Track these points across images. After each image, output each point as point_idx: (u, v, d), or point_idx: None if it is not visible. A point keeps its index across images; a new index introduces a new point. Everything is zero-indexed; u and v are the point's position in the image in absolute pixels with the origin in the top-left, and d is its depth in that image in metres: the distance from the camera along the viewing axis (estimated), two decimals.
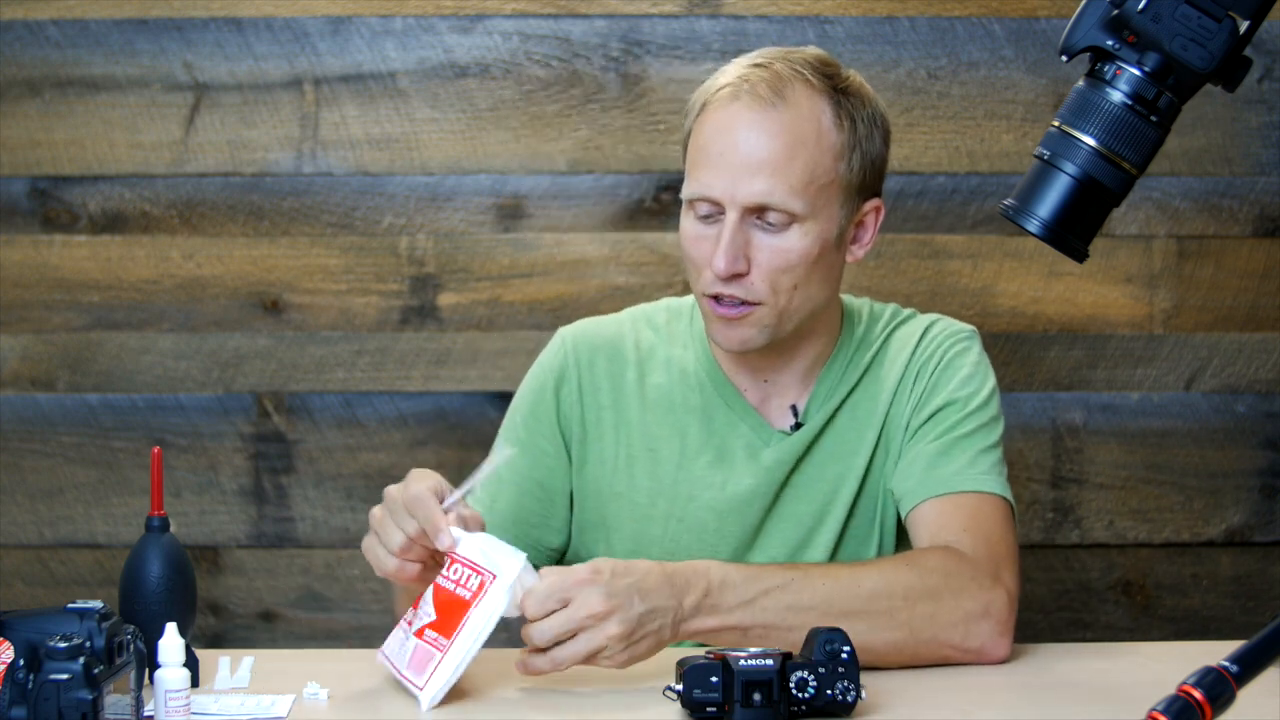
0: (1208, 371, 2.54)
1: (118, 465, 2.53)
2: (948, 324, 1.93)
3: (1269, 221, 2.53)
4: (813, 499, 1.87)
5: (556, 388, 1.92)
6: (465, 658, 1.54)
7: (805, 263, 1.77)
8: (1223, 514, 2.55)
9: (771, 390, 1.89)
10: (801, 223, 1.76)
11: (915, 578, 1.67)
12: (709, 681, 1.46)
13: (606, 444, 1.90)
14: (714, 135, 1.77)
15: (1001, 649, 1.68)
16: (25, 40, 2.50)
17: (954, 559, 1.70)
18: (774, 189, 1.74)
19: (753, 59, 1.80)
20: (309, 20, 2.50)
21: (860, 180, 1.81)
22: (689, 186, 1.79)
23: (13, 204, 2.51)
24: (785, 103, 1.75)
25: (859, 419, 1.88)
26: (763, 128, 1.75)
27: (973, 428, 1.84)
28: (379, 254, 2.52)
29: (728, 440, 1.88)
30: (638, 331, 1.95)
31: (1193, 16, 1.32)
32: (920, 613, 1.65)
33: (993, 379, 1.89)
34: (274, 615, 2.55)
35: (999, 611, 1.68)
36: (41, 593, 2.53)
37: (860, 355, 1.90)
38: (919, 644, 1.66)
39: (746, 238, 1.76)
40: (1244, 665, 1.12)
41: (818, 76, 1.78)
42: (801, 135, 1.75)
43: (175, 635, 1.47)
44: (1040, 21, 2.51)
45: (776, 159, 1.74)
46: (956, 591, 1.67)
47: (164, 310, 2.52)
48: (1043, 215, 1.37)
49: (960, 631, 1.66)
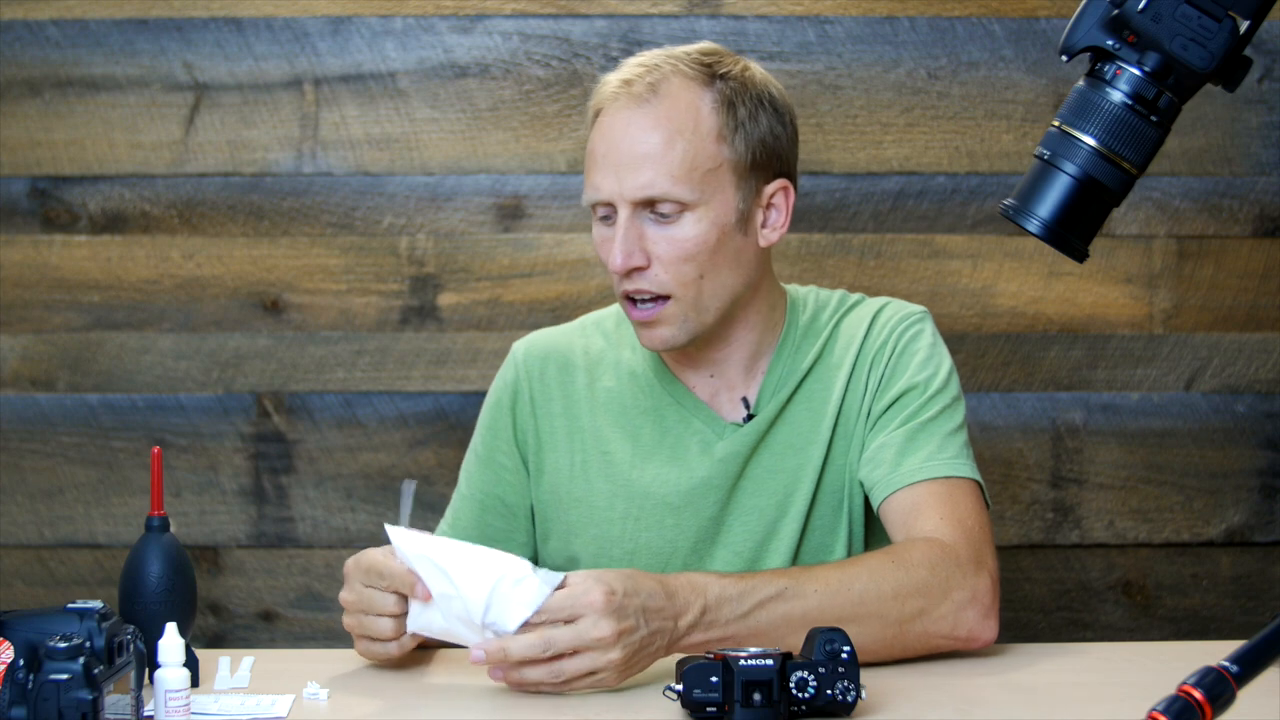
0: (1208, 371, 2.54)
1: (118, 465, 2.53)
2: (898, 307, 1.93)
3: (1269, 221, 2.53)
4: (772, 492, 1.87)
5: (511, 404, 1.95)
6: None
7: (705, 250, 1.79)
8: (1223, 514, 2.55)
9: (720, 384, 1.90)
10: (693, 210, 1.78)
11: (903, 575, 1.68)
12: (709, 681, 1.46)
13: (561, 452, 1.92)
14: (599, 138, 1.81)
15: (989, 632, 1.70)
16: (25, 40, 2.50)
17: (936, 550, 1.71)
18: (655, 180, 1.76)
19: (634, 60, 1.84)
20: (309, 20, 2.50)
21: (751, 161, 1.81)
22: (585, 192, 1.83)
23: (13, 204, 2.51)
24: (659, 96, 1.78)
25: (813, 409, 1.88)
26: (638, 123, 1.78)
27: (936, 411, 1.84)
28: (379, 254, 2.52)
29: (681, 437, 1.89)
30: (587, 338, 1.97)
31: (1193, 16, 1.32)
32: (910, 609, 1.66)
33: (949, 359, 1.89)
34: (274, 615, 2.55)
35: (984, 596, 1.70)
36: (41, 593, 2.53)
37: (809, 343, 1.90)
38: (910, 638, 1.67)
39: (640, 232, 1.78)
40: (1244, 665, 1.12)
41: (695, 67, 1.81)
42: (678, 124, 1.78)
43: (175, 635, 1.47)
44: (1040, 21, 2.51)
45: (655, 150, 1.77)
46: (943, 583, 1.68)
47: (164, 310, 2.52)
48: (1043, 215, 1.37)
49: (949, 622, 1.68)
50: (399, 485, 1.68)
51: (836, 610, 1.64)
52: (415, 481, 1.72)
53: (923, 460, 1.80)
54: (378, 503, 2.54)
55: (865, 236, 2.51)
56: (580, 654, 1.54)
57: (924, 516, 1.76)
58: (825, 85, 2.51)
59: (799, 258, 2.50)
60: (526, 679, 1.55)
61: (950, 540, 1.72)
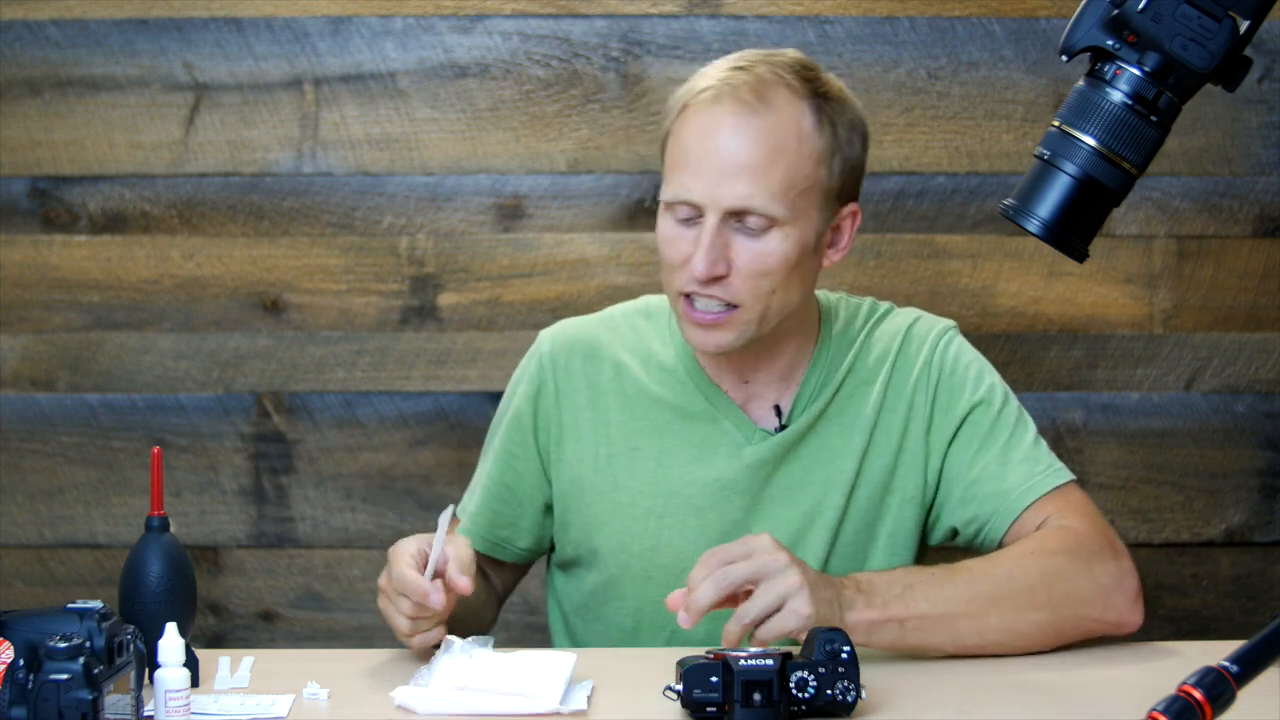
0: (1208, 371, 2.54)
1: (118, 465, 2.53)
2: (930, 322, 1.93)
3: (1269, 221, 2.53)
4: (799, 503, 1.86)
5: (534, 395, 1.93)
6: None
7: (784, 267, 1.77)
8: (1223, 514, 2.56)
9: (752, 391, 1.89)
10: (781, 227, 1.76)
11: (1044, 560, 1.71)
12: (709, 681, 1.46)
13: (585, 444, 1.91)
14: (695, 138, 1.76)
15: (1137, 616, 1.74)
16: (25, 40, 2.50)
17: (1072, 537, 1.75)
18: (755, 193, 1.74)
19: (734, 61, 1.80)
20: (309, 20, 2.50)
21: (839, 185, 1.81)
22: (668, 189, 1.79)
23: (13, 204, 2.51)
24: (767, 107, 1.75)
25: (845, 424, 1.87)
26: (744, 132, 1.74)
27: (1011, 424, 1.86)
28: (379, 254, 2.52)
29: (710, 436, 1.88)
30: (616, 330, 1.95)
31: (1193, 16, 1.32)
32: (1058, 591, 1.69)
33: (992, 366, 1.91)
34: (274, 615, 2.55)
35: (1128, 580, 1.74)
36: (41, 593, 2.53)
37: (841, 355, 1.90)
38: (1062, 621, 1.70)
39: (726, 240, 1.76)
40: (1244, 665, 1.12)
41: (799, 80, 1.78)
42: (783, 140, 1.75)
43: (175, 635, 1.47)
44: (1040, 21, 2.51)
45: (757, 163, 1.74)
46: (1085, 567, 1.72)
47: (164, 310, 2.52)
48: (1043, 215, 1.37)
49: (1099, 605, 1.72)
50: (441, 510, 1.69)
51: (988, 589, 1.67)
52: (454, 506, 1.75)
53: (1026, 480, 1.82)
54: (378, 503, 2.54)
55: (865, 236, 2.51)
56: (761, 586, 1.56)
57: (1051, 521, 1.79)
58: None
59: None
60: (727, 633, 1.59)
61: (1082, 529, 1.76)
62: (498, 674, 1.56)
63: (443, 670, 1.58)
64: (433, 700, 1.53)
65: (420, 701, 1.53)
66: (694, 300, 1.78)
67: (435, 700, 1.53)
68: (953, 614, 1.66)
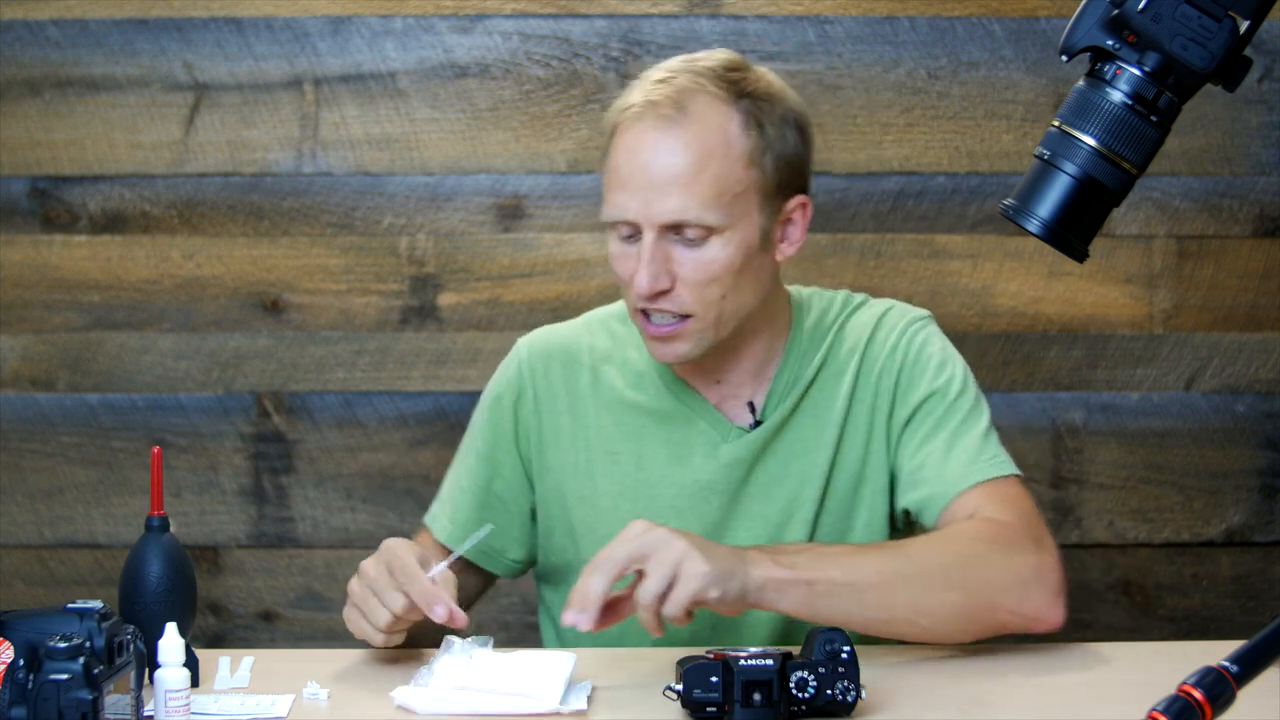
0: (1208, 371, 2.54)
1: (118, 465, 2.53)
2: (902, 311, 1.92)
3: (1269, 221, 2.53)
4: (776, 498, 1.87)
5: (514, 402, 1.94)
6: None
7: (729, 272, 1.76)
8: (1223, 514, 2.55)
9: (726, 390, 1.89)
10: (720, 234, 1.75)
11: (962, 545, 1.70)
12: (709, 681, 1.46)
13: (566, 450, 1.91)
14: (624, 157, 1.76)
15: (1057, 613, 1.71)
16: (25, 40, 2.50)
17: (995, 528, 1.72)
18: (687, 205, 1.73)
19: (658, 74, 1.79)
20: (309, 20, 2.50)
21: (778, 182, 1.80)
22: (605, 209, 1.79)
23: (13, 204, 2.51)
24: (688, 117, 1.74)
25: (819, 416, 1.87)
26: (668, 145, 1.74)
27: (963, 415, 1.84)
28: (379, 254, 2.52)
29: (687, 437, 1.88)
30: (593, 336, 1.95)
31: (1193, 16, 1.32)
32: (973, 575, 1.67)
33: (961, 359, 1.89)
34: (274, 615, 2.55)
35: (1049, 575, 1.71)
36: (41, 593, 2.53)
37: (814, 349, 1.89)
38: (975, 606, 1.67)
39: (667, 254, 1.75)
40: (1244, 665, 1.12)
41: (722, 84, 1.77)
42: (709, 147, 1.74)
43: (175, 635, 1.47)
44: (1040, 21, 2.51)
45: (685, 175, 1.73)
46: (1005, 556, 1.69)
47: (164, 310, 2.52)
48: (1043, 215, 1.37)
49: (1016, 595, 1.68)
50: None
51: (896, 566, 1.65)
52: (491, 526, 1.77)
53: (965, 466, 1.80)
54: (378, 503, 2.54)
55: (865, 236, 2.51)
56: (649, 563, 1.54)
57: (980, 511, 1.77)
58: (825, 85, 2.50)
59: (799, 258, 2.48)
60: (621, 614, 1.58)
61: (1007, 521, 1.74)
62: (498, 674, 1.56)
63: (443, 670, 1.58)
64: (433, 700, 1.53)
65: (420, 702, 1.53)
66: (649, 315, 1.79)
67: (435, 700, 1.53)
68: (862, 583, 1.62)
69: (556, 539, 1.93)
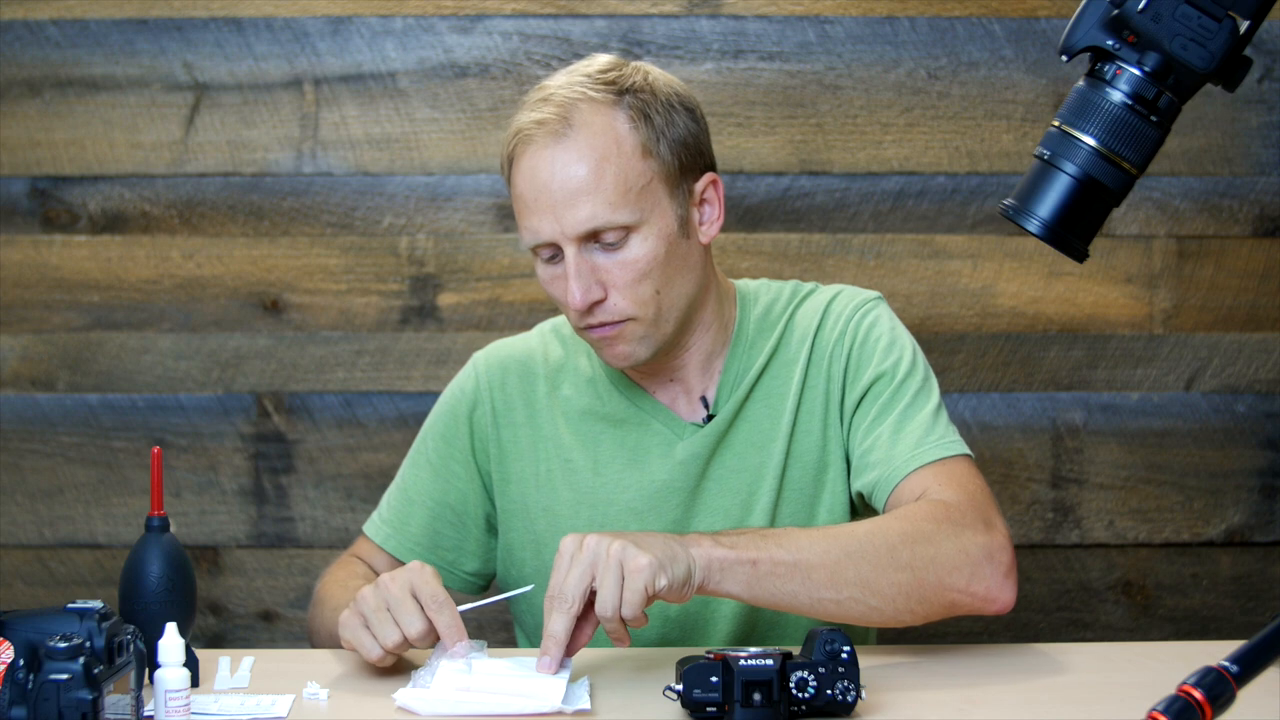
0: (1208, 371, 2.54)
1: (118, 465, 2.53)
2: (851, 294, 1.92)
3: (1269, 221, 2.53)
4: (735, 490, 1.87)
5: (470, 414, 1.94)
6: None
7: (657, 265, 1.78)
8: (1223, 514, 2.55)
9: (679, 388, 1.90)
10: (637, 230, 1.77)
11: (908, 525, 1.67)
12: (709, 681, 1.46)
13: (525, 461, 1.92)
14: (525, 182, 1.78)
15: (1008, 593, 1.68)
16: (25, 40, 2.50)
17: (941, 507, 1.70)
18: (596, 211, 1.75)
19: (540, 93, 1.81)
20: (309, 20, 2.50)
21: (679, 166, 1.81)
22: (522, 237, 1.81)
23: (13, 204, 2.51)
24: (576, 127, 1.76)
25: (772, 405, 1.88)
26: (564, 159, 1.75)
27: (911, 395, 1.83)
28: (379, 254, 2.52)
29: (642, 440, 1.89)
30: (546, 346, 1.97)
31: (1193, 16, 1.32)
32: (921, 554, 1.64)
33: (911, 340, 1.88)
34: (274, 615, 2.55)
35: (999, 554, 1.68)
36: (41, 593, 2.53)
37: (763, 339, 1.90)
38: (924, 585, 1.64)
39: (592, 264, 1.77)
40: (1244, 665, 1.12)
41: (600, 87, 1.78)
42: (602, 151, 1.76)
43: (175, 635, 1.47)
44: (1040, 21, 2.51)
45: (588, 183, 1.75)
46: (953, 535, 1.67)
47: (164, 310, 2.52)
48: (1043, 215, 1.37)
49: (965, 574, 1.66)
50: None
51: (843, 544, 1.63)
52: (533, 586, 1.76)
53: (913, 448, 1.79)
54: (377, 503, 2.54)
55: (865, 236, 2.51)
56: (597, 576, 1.53)
57: (928, 492, 1.75)
58: (825, 85, 2.51)
59: (799, 258, 2.50)
60: (586, 636, 1.58)
61: (956, 501, 1.72)
62: (499, 676, 1.56)
63: (444, 672, 1.58)
64: (435, 701, 1.53)
65: (423, 703, 1.53)
66: (591, 327, 1.80)
67: (438, 701, 1.53)
68: (809, 563, 1.60)
69: (518, 550, 1.93)
